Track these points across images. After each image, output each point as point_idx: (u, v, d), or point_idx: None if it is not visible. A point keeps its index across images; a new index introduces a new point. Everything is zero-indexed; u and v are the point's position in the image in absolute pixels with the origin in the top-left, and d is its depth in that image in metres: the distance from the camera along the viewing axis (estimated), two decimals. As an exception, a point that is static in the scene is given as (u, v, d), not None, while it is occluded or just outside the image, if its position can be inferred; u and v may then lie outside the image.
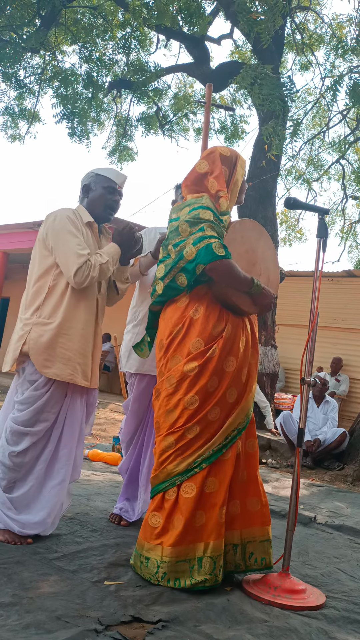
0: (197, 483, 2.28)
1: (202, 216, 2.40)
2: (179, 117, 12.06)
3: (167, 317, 2.47)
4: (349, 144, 11.10)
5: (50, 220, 2.65)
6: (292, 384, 9.77)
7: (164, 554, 2.23)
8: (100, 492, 3.59)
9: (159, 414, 2.40)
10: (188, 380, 2.33)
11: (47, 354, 2.53)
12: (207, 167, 2.59)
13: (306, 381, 2.45)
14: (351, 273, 9.79)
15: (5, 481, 2.52)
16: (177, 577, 2.22)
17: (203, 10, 9.35)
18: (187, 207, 2.48)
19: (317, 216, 2.57)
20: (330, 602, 2.29)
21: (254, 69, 7.01)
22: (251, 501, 2.44)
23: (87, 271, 2.54)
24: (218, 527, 2.26)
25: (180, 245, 2.40)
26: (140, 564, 2.30)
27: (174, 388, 2.36)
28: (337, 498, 4.64)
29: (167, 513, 2.29)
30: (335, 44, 9.23)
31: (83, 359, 2.61)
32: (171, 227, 2.51)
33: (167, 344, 2.42)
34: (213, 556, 2.23)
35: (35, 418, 2.54)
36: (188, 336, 2.38)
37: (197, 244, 2.34)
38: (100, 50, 10.33)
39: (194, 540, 2.26)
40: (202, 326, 2.37)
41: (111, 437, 5.55)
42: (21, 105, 10.85)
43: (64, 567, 2.27)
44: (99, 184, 2.77)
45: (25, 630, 1.72)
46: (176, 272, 2.40)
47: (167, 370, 2.40)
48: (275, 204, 8.67)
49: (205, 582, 2.20)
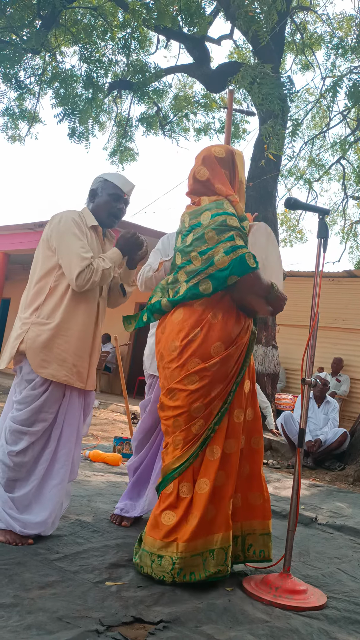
0: (210, 478, 2.31)
1: (230, 223, 2.40)
2: (179, 118, 12.06)
3: (180, 320, 2.44)
4: (350, 144, 11.10)
5: (55, 222, 2.66)
6: (293, 384, 9.76)
7: (179, 550, 2.26)
8: (101, 493, 3.59)
9: (181, 412, 2.40)
10: (208, 379, 2.36)
11: (44, 354, 2.54)
12: (207, 174, 2.57)
13: (307, 381, 2.45)
14: (352, 273, 9.79)
15: (5, 480, 2.53)
16: (192, 571, 2.26)
17: (203, 10, 9.35)
18: (207, 212, 2.46)
19: (318, 216, 2.57)
20: (331, 603, 2.29)
21: (254, 68, 7.03)
22: (253, 495, 2.50)
23: (89, 275, 2.54)
24: (227, 519, 2.32)
25: (208, 253, 2.39)
26: (151, 563, 2.29)
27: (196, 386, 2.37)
28: (338, 498, 4.63)
29: (182, 511, 2.32)
30: (336, 43, 9.23)
31: (79, 361, 2.62)
32: (195, 234, 2.46)
33: (182, 345, 2.40)
34: (224, 547, 2.29)
35: (34, 418, 2.54)
36: (208, 339, 2.38)
37: (229, 254, 2.35)
38: (100, 51, 10.34)
39: (207, 533, 2.30)
40: (222, 330, 2.38)
41: (112, 437, 5.55)
42: (21, 106, 10.87)
43: (65, 567, 2.27)
44: (105, 190, 2.76)
45: (26, 631, 1.72)
46: (202, 278, 2.39)
47: (186, 372, 2.38)
48: (275, 205, 8.68)
49: (219, 573, 2.26)
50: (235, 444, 2.40)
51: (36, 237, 10.33)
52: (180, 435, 2.38)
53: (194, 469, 2.36)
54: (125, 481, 4.03)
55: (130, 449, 5.06)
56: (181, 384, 2.39)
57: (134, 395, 11.39)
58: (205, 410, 2.36)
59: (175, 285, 2.50)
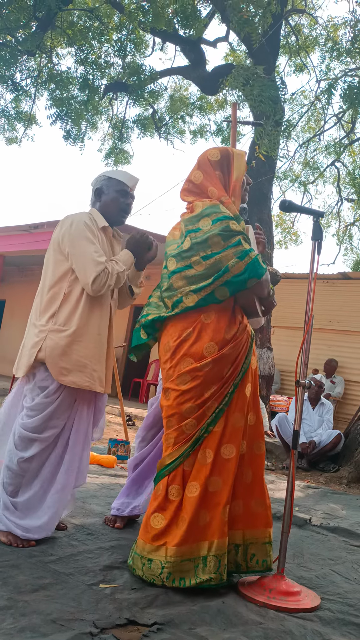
0: (200, 482, 2.29)
1: (234, 228, 2.42)
2: (175, 120, 12.08)
3: (174, 323, 2.46)
4: (344, 147, 11.14)
5: (66, 225, 2.62)
6: (287, 386, 9.78)
7: (169, 554, 2.24)
8: (96, 495, 3.58)
9: (172, 412, 2.41)
10: (200, 380, 2.35)
11: (64, 361, 2.52)
12: (202, 177, 2.60)
13: (301, 383, 2.46)
14: (346, 275, 9.82)
15: (12, 487, 2.52)
16: (182, 577, 2.23)
17: (199, 13, 9.38)
18: (206, 218, 2.46)
19: (312, 219, 2.57)
20: (325, 604, 2.30)
21: (246, 70, 7.05)
22: (255, 502, 2.43)
23: (104, 279, 2.54)
24: (222, 526, 2.28)
25: (215, 257, 2.39)
26: (142, 566, 2.29)
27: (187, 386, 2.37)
28: (332, 500, 4.64)
29: (171, 513, 2.30)
30: (330, 46, 9.27)
31: (98, 365, 2.61)
32: (194, 238, 2.46)
33: (175, 345, 2.42)
34: (218, 555, 2.25)
35: (45, 425, 2.53)
36: (201, 339, 2.39)
37: (244, 259, 2.38)
38: (96, 53, 10.35)
39: (198, 539, 2.27)
40: (215, 331, 2.39)
41: (107, 439, 5.55)
42: (17, 108, 10.86)
43: (59, 570, 2.26)
44: (111, 187, 2.75)
45: (20, 633, 1.72)
46: (217, 287, 2.39)
47: (178, 372, 2.39)
48: (270, 207, 8.71)
49: (211, 580, 2.22)
50: (234, 449, 2.35)
51: (32, 239, 10.31)
52: (172, 433, 2.38)
53: (185, 472, 2.34)
54: (120, 483, 4.03)
55: (125, 451, 5.06)
56: (174, 384, 2.40)
57: (129, 398, 11.37)
58: (197, 411, 2.35)
59: (174, 294, 2.45)
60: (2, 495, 2.52)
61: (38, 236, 10.12)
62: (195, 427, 2.35)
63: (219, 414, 2.36)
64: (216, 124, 12.07)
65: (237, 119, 4.99)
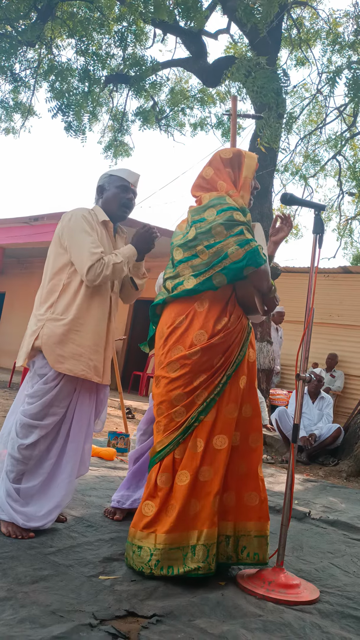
0: (191, 471, 2.30)
1: (238, 218, 2.43)
2: (175, 112, 12.02)
3: (170, 308, 2.50)
4: (346, 140, 11.09)
5: (66, 220, 2.71)
6: (287, 379, 9.78)
7: (157, 542, 2.25)
8: (96, 487, 3.59)
9: (162, 399, 2.42)
10: (189, 368, 2.36)
11: (60, 349, 2.57)
12: (212, 173, 2.63)
13: (301, 377, 2.46)
14: (347, 269, 9.80)
15: (14, 474, 2.56)
16: (171, 565, 2.24)
17: (200, 4, 9.30)
18: (212, 209, 2.48)
19: (313, 212, 2.57)
20: (324, 597, 2.30)
21: (249, 61, 7.02)
22: (249, 495, 2.44)
23: (99, 269, 2.58)
24: (212, 516, 2.28)
25: (217, 246, 2.41)
26: (132, 553, 2.31)
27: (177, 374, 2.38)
28: (332, 493, 4.65)
29: (161, 501, 2.31)
30: (333, 39, 9.21)
31: (95, 355, 2.65)
32: (198, 228, 2.48)
33: (168, 332, 2.44)
34: (207, 544, 2.25)
35: (45, 412, 2.57)
36: (192, 327, 2.41)
37: (244, 247, 2.39)
38: (96, 44, 10.29)
39: (187, 527, 2.28)
40: (205, 319, 2.40)
41: (106, 432, 5.56)
42: (16, 99, 10.80)
43: (59, 561, 2.27)
44: (112, 183, 2.82)
45: (19, 624, 1.73)
46: (215, 272, 2.41)
47: (168, 359, 2.41)
48: (271, 200, 8.67)
49: (199, 569, 2.22)
50: (226, 440, 2.35)
51: (32, 231, 10.29)
52: (163, 420, 2.40)
53: (176, 460, 2.35)
54: (120, 475, 4.04)
55: (125, 444, 5.07)
56: (164, 371, 2.43)
57: (129, 391, 11.39)
58: (186, 399, 2.36)
59: (176, 280, 2.50)
60: (6, 482, 2.56)
61: (38, 228, 10.10)
62: (184, 415, 2.36)
63: (210, 403, 2.36)
64: (217, 116, 12.01)
65: (237, 112, 4.96)
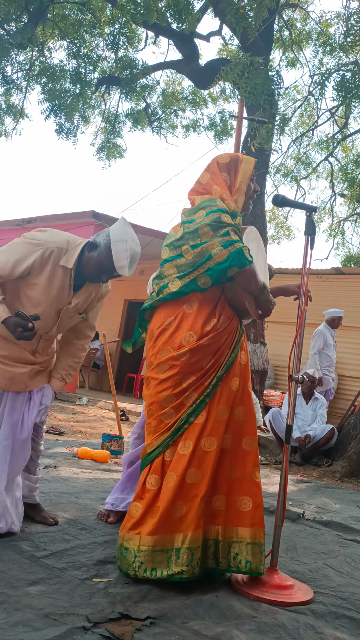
0: (178, 472, 2.28)
1: (224, 220, 2.43)
2: (167, 114, 12.03)
3: (159, 310, 2.50)
4: (337, 142, 11.14)
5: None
6: (281, 381, 9.79)
7: (142, 543, 2.23)
8: (89, 490, 3.58)
9: (152, 401, 2.42)
10: (178, 369, 2.36)
11: None
12: (208, 177, 2.63)
13: (294, 378, 2.46)
14: (340, 270, 9.83)
15: None
16: (154, 567, 2.21)
17: (192, 6, 9.32)
18: (202, 210, 2.48)
19: (305, 214, 2.58)
20: (318, 598, 2.31)
21: (244, 60, 7.04)
22: (242, 500, 2.36)
23: None
24: (197, 519, 2.25)
25: (202, 247, 2.40)
26: (120, 555, 2.30)
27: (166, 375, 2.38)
28: (326, 494, 4.66)
29: (147, 502, 2.30)
30: (324, 41, 9.25)
31: (13, 367, 2.57)
32: (186, 228, 2.49)
33: (157, 333, 2.44)
34: (191, 548, 2.22)
35: None
36: (181, 328, 2.40)
37: (228, 247, 2.36)
38: (88, 47, 10.29)
39: (172, 530, 2.25)
40: (194, 320, 2.39)
41: (100, 434, 5.54)
42: (8, 102, 10.78)
43: (52, 565, 2.26)
44: (102, 256, 2.54)
45: (13, 628, 1.72)
46: (199, 273, 2.39)
47: (158, 360, 2.41)
48: (264, 201, 8.69)
49: (182, 573, 2.19)
50: (215, 442, 2.31)
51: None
52: (153, 422, 2.39)
53: (165, 463, 2.33)
54: (114, 478, 4.03)
55: (119, 446, 5.06)
56: (154, 372, 2.42)
57: (123, 393, 11.37)
58: (175, 401, 2.35)
59: (162, 281, 2.49)
60: None
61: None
62: (173, 417, 2.35)
63: (200, 405, 2.34)
64: (209, 118, 12.03)
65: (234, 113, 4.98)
